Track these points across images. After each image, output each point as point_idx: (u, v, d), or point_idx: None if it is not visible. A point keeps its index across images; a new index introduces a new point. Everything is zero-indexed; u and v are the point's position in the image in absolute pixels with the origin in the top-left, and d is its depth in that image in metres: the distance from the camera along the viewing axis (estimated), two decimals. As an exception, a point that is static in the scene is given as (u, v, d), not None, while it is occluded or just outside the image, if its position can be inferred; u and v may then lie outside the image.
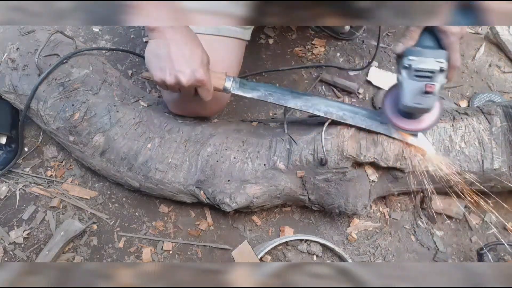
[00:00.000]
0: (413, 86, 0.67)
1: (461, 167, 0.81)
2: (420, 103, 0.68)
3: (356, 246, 0.90)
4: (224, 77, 0.77)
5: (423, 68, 0.66)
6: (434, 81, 0.66)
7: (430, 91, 0.66)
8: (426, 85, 0.66)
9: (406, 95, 0.68)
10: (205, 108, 0.84)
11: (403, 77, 0.68)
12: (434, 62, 0.66)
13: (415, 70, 0.67)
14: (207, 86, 0.73)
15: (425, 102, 0.68)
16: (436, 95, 0.67)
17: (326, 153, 0.79)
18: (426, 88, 0.66)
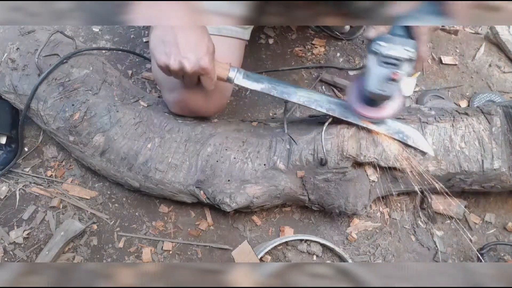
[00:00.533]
0: (379, 72, 0.67)
1: (461, 167, 0.81)
2: (384, 89, 0.68)
3: (356, 246, 0.90)
4: (228, 67, 0.78)
5: (391, 55, 0.66)
6: (400, 69, 0.66)
7: (396, 78, 0.66)
8: (393, 73, 0.66)
9: (372, 81, 0.69)
10: (207, 101, 0.84)
11: (370, 62, 0.68)
12: (402, 50, 0.66)
13: (383, 56, 0.67)
14: (211, 75, 0.73)
15: (388, 89, 0.68)
16: (400, 83, 0.67)
17: (326, 153, 0.79)
18: (392, 75, 0.66)
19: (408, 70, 0.67)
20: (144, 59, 1.14)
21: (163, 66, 0.70)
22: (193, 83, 0.74)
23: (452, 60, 1.18)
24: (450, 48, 1.22)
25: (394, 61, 0.66)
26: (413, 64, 0.68)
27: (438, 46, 1.22)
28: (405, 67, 0.67)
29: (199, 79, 0.74)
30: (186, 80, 0.73)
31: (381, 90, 0.68)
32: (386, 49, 0.66)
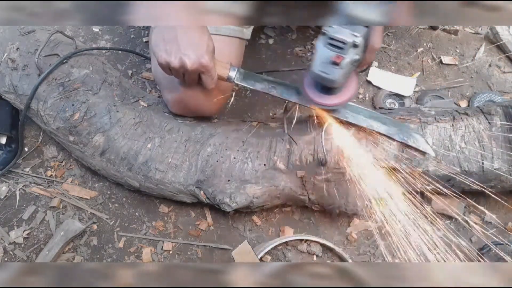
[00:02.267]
0: (324, 54, 0.66)
1: (461, 167, 0.81)
2: (326, 72, 0.67)
3: (356, 246, 0.90)
4: (229, 66, 0.78)
5: (337, 37, 0.64)
6: (345, 53, 0.65)
7: (337, 61, 0.64)
8: (335, 55, 0.64)
9: (316, 62, 0.67)
10: (207, 101, 0.84)
11: (318, 43, 0.67)
12: (349, 34, 0.64)
13: (329, 37, 0.65)
14: (211, 73, 0.73)
15: (331, 72, 0.66)
16: (343, 68, 0.66)
17: (326, 153, 0.79)
18: (334, 58, 0.65)
19: (353, 56, 0.66)
20: (144, 59, 1.14)
21: (164, 63, 0.71)
22: (194, 82, 0.74)
23: (452, 60, 1.18)
24: (450, 48, 1.22)
25: (339, 44, 0.64)
26: (359, 51, 0.66)
27: (438, 46, 1.22)
28: (350, 53, 0.65)
29: (200, 78, 0.74)
30: (187, 78, 0.73)
31: (322, 72, 0.67)
32: (333, 31, 0.65)
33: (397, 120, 0.81)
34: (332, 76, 0.67)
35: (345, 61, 0.65)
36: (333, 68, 0.66)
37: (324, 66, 0.66)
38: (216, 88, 0.78)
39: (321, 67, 0.67)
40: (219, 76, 0.76)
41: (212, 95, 0.82)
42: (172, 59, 0.69)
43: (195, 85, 0.76)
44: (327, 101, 0.75)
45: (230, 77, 0.78)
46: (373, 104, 1.10)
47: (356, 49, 0.65)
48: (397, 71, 1.16)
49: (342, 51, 0.65)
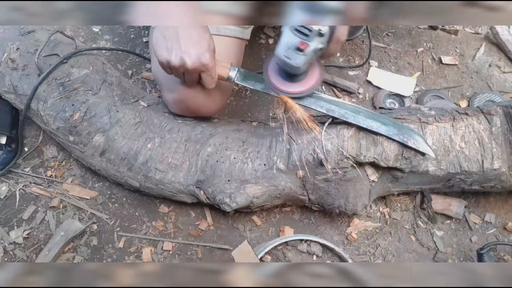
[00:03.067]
0: (289, 40, 0.67)
1: (461, 167, 0.81)
2: (289, 57, 0.68)
3: (356, 246, 0.90)
4: (229, 66, 0.78)
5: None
6: (309, 40, 0.66)
7: (302, 48, 0.66)
8: (301, 42, 0.66)
9: (281, 47, 0.68)
10: (207, 101, 0.84)
11: (285, 28, 0.68)
12: None
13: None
14: (211, 72, 0.73)
15: (294, 58, 0.68)
16: (307, 55, 0.67)
17: (326, 153, 0.79)
18: (299, 44, 0.66)
19: (317, 44, 0.67)
20: (144, 59, 1.14)
21: (164, 62, 0.70)
22: (194, 81, 0.74)
23: (452, 60, 1.18)
24: (450, 48, 1.22)
25: (305, 31, 0.66)
26: (324, 40, 0.67)
27: (438, 46, 1.22)
28: (315, 40, 0.66)
29: (200, 78, 0.74)
30: (187, 77, 0.73)
31: (286, 57, 0.68)
32: None
33: (397, 121, 0.81)
34: (294, 61, 0.68)
35: (309, 49, 0.66)
36: (297, 54, 0.67)
37: (288, 51, 0.68)
38: (216, 88, 0.78)
39: (285, 52, 0.68)
40: (219, 76, 0.76)
41: (212, 95, 0.82)
42: (172, 58, 0.69)
43: (195, 84, 0.76)
44: (290, 88, 0.76)
45: (230, 77, 0.78)
46: (373, 104, 1.10)
47: (321, 38, 0.67)
48: (397, 71, 1.16)
49: (307, 38, 0.66)
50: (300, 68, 0.70)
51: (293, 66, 0.69)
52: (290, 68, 0.71)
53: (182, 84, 0.78)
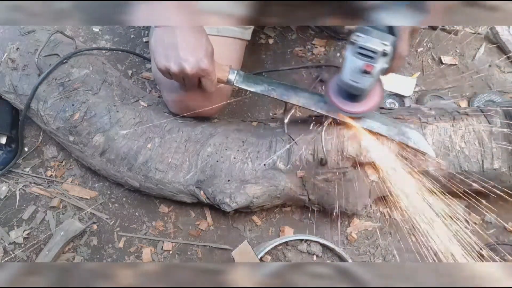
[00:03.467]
0: (354, 63, 0.67)
1: (461, 167, 0.81)
2: (356, 81, 0.68)
3: (356, 246, 0.90)
4: (228, 69, 0.78)
5: (367, 46, 0.66)
6: (375, 62, 0.66)
7: (368, 70, 0.66)
8: (366, 64, 0.66)
9: (346, 71, 0.68)
10: (207, 103, 0.84)
11: (347, 52, 0.68)
12: (379, 43, 0.66)
13: (359, 47, 0.66)
14: (211, 77, 0.73)
15: (361, 81, 0.67)
16: (374, 77, 0.67)
17: (326, 153, 0.79)
18: (365, 67, 0.66)
19: (383, 64, 0.67)
20: (144, 59, 1.14)
21: (164, 69, 0.71)
22: (194, 86, 0.74)
23: (452, 60, 1.18)
24: (450, 48, 1.22)
25: (369, 53, 0.66)
26: (388, 59, 0.67)
27: (438, 46, 1.22)
28: (380, 61, 0.66)
29: (200, 82, 0.74)
30: (187, 82, 0.73)
31: (353, 81, 0.68)
32: (363, 40, 0.66)
33: (397, 121, 0.81)
34: (362, 84, 0.68)
35: (375, 70, 0.66)
36: (363, 77, 0.67)
37: (354, 75, 0.67)
38: (216, 90, 0.78)
39: (351, 76, 0.68)
40: (218, 79, 0.76)
41: (212, 97, 0.82)
42: (171, 65, 0.69)
43: (195, 88, 0.76)
44: (354, 108, 0.75)
45: (229, 80, 0.78)
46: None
47: (385, 58, 0.67)
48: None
49: (372, 60, 0.66)
50: (367, 90, 0.70)
51: (361, 89, 0.69)
52: (356, 91, 0.71)
53: (183, 88, 0.78)
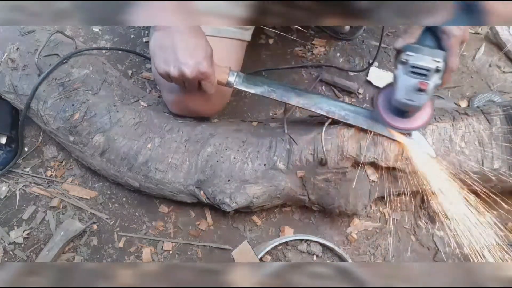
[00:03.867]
0: (407, 82, 0.67)
1: (461, 167, 0.81)
2: (412, 99, 0.68)
3: (356, 246, 0.90)
4: (228, 71, 0.77)
5: (419, 65, 0.66)
6: (429, 79, 0.66)
7: (423, 88, 0.66)
8: (420, 82, 0.66)
9: (400, 91, 0.69)
10: (207, 104, 0.84)
11: (398, 72, 0.68)
12: (431, 60, 0.66)
13: (411, 66, 0.67)
14: (211, 79, 0.73)
15: (417, 99, 0.68)
16: (428, 94, 0.67)
17: (326, 153, 0.79)
18: (419, 85, 0.66)
19: (437, 80, 0.67)
20: (144, 59, 1.14)
21: (163, 73, 0.71)
22: (194, 88, 0.74)
23: (452, 60, 1.18)
24: (450, 48, 1.22)
25: (422, 71, 0.66)
26: (441, 74, 0.68)
27: (438, 46, 1.22)
28: (434, 78, 0.67)
29: (200, 84, 0.74)
30: (187, 85, 0.73)
31: (409, 100, 0.68)
32: (415, 59, 0.67)
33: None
34: (418, 102, 0.68)
35: (430, 87, 0.66)
36: (419, 95, 0.67)
37: (409, 94, 0.68)
38: (216, 91, 0.78)
39: (406, 96, 0.68)
40: (218, 81, 0.76)
41: (212, 97, 0.82)
42: (171, 69, 0.69)
43: (195, 91, 0.76)
44: (407, 124, 0.76)
45: (229, 82, 0.78)
46: (373, 104, 1.09)
47: (439, 74, 0.67)
48: (397, 71, 1.16)
49: (426, 78, 0.66)
50: (421, 107, 0.70)
51: (417, 106, 0.69)
52: (412, 109, 0.71)
53: (182, 90, 0.78)
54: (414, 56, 0.67)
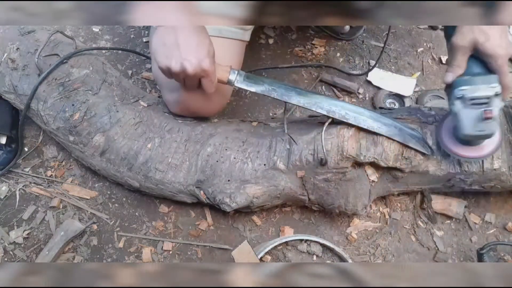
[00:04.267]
0: (471, 115, 0.68)
1: (461, 167, 0.81)
2: (482, 129, 0.69)
3: (356, 246, 0.90)
4: (229, 69, 0.78)
5: (478, 95, 0.67)
6: (491, 106, 0.67)
7: (490, 116, 0.67)
8: (485, 112, 0.67)
9: (466, 125, 0.69)
10: (207, 104, 0.84)
11: (458, 107, 0.69)
12: (487, 88, 0.67)
13: (470, 99, 0.67)
14: (211, 78, 0.73)
15: (486, 128, 0.68)
16: (496, 119, 0.68)
17: (326, 153, 0.79)
18: (485, 114, 0.66)
19: (498, 104, 0.68)
20: (144, 59, 1.14)
21: (165, 68, 0.71)
22: (194, 86, 0.75)
23: (452, 60, 1.18)
24: (450, 48, 1.22)
25: (483, 100, 0.67)
26: (501, 97, 0.68)
27: (438, 46, 1.22)
28: (496, 102, 0.67)
29: (200, 82, 0.74)
30: (187, 83, 0.73)
31: (479, 131, 0.69)
32: (472, 92, 0.67)
33: (398, 121, 0.81)
34: (488, 130, 0.69)
35: (495, 112, 0.67)
36: (486, 124, 0.68)
37: (476, 125, 0.68)
38: (216, 91, 0.78)
39: (475, 128, 0.69)
40: (219, 80, 0.76)
41: (212, 97, 0.82)
42: (173, 64, 0.69)
43: (195, 88, 0.76)
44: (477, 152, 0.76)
45: (230, 80, 0.78)
46: (373, 104, 1.10)
47: (499, 97, 0.67)
48: (397, 71, 1.16)
49: (488, 105, 0.67)
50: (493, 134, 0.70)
51: (489, 135, 0.70)
52: (485, 138, 0.72)
53: (183, 88, 0.78)
54: (469, 88, 0.67)
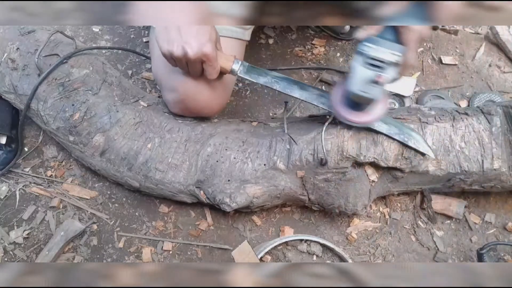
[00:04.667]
0: (364, 74, 0.67)
1: (461, 167, 0.81)
2: (367, 91, 0.67)
3: (356, 246, 0.90)
4: (233, 59, 0.77)
5: (377, 57, 0.65)
6: (385, 72, 0.66)
7: (380, 81, 0.65)
8: (377, 75, 0.65)
9: (355, 82, 0.68)
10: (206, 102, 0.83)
11: (355, 63, 0.67)
12: (389, 53, 0.65)
13: (369, 57, 0.66)
14: (213, 63, 0.72)
15: (372, 91, 0.67)
16: (384, 87, 0.67)
17: (326, 153, 0.79)
18: (377, 77, 0.65)
19: (393, 74, 0.66)
20: (144, 59, 1.14)
21: (167, 53, 0.71)
22: (197, 72, 0.74)
23: (452, 60, 1.18)
24: (450, 48, 1.22)
25: (379, 63, 0.65)
26: (398, 69, 0.67)
27: (438, 46, 1.22)
28: (390, 71, 0.66)
29: (203, 69, 0.74)
30: (190, 68, 0.73)
31: (363, 92, 0.67)
32: (373, 51, 0.66)
33: (398, 120, 0.81)
34: (372, 95, 0.67)
35: (386, 80, 0.66)
36: (374, 87, 0.66)
37: (364, 86, 0.67)
38: (216, 89, 0.77)
39: (361, 87, 0.67)
40: (222, 68, 0.76)
41: (212, 97, 0.81)
42: (174, 49, 0.69)
43: (199, 75, 0.76)
44: (360, 118, 0.75)
45: (233, 69, 0.78)
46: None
47: (395, 67, 0.66)
48: (397, 71, 1.16)
49: (382, 70, 0.65)
50: (376, 100, 0.69)
51: (371, 99, 0.69)
52: (366, 101, 0.70)
53: (185, 75, 0.77)
54: (373, 47, 0.66)
